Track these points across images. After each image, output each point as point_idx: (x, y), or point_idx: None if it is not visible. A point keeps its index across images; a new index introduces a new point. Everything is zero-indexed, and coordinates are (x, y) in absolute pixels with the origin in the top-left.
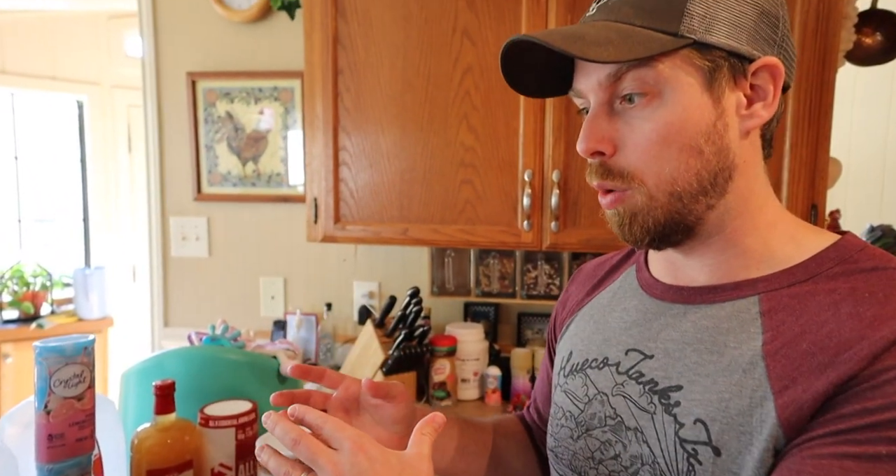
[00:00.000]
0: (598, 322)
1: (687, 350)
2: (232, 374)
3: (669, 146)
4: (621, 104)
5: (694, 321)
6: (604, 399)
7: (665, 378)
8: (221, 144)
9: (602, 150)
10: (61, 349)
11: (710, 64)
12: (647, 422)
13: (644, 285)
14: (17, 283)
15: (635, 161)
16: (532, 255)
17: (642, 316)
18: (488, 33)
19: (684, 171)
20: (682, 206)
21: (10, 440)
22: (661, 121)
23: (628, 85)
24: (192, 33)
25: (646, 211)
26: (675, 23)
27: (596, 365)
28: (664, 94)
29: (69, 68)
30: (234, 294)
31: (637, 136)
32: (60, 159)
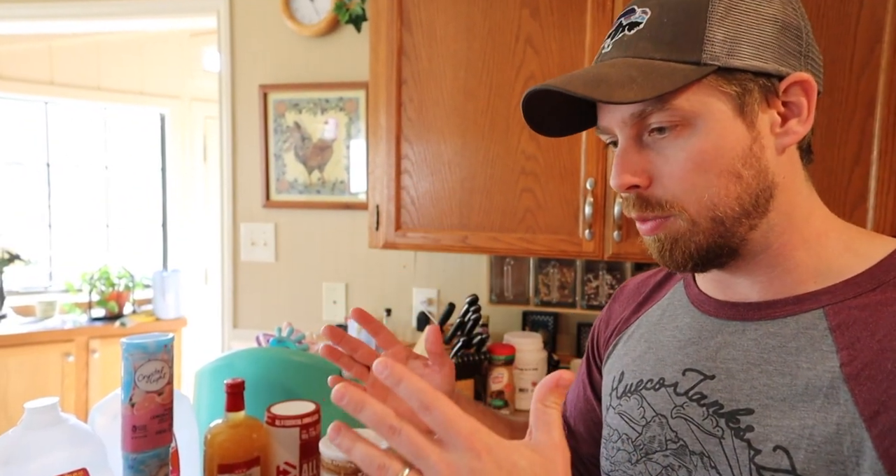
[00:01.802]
0: (650, 341)
1: (753, 371)
2: (296, 376)
3: (706, 173)
4: (650, 136)
5: (756, 339)
6: (663, 421)
7: (731, 400)
8: (289, 153)
9: (637, 183)
10: (144, 346)
11: (739, 88)
12: (715, 446)
13: (696, 301)
14: (104, 284)
15: (673, 190)
16: (593, 264)
17: (697, 334)
18: (552, 42)
19: (724, 197)
20: (725, 229)
21: (100, 429)
22: (695, 149)
23: (656, 119)
24: (265, 48)
25: (688, 236)
26: (696, 51)
27: (651, 386)
28: (695, 124)
29: (154, 83)
30: (298, 298)
31: (672, 167)
32: (144, 169)
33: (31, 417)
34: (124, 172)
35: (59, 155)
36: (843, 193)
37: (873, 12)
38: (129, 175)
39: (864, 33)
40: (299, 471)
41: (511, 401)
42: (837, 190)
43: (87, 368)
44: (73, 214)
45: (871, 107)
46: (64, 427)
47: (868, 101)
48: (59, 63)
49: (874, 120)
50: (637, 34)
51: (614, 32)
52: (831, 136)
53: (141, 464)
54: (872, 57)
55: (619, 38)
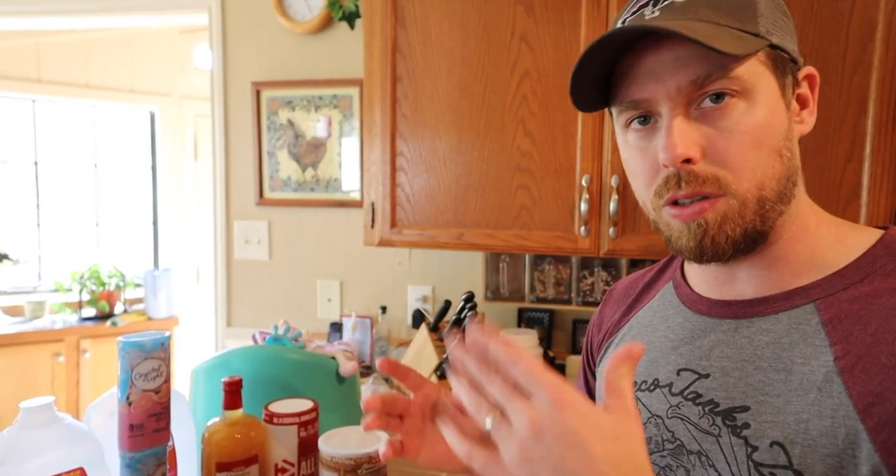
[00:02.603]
0: (642, 342)
1: (748, 368)
2: (293, 374)
3: (760, 149)
4: (697, 109)
5: (749, 337)
6: (659, 422)
7: (727, 398)
8: (283, 151)
9: (691, 155)
10: (141, 344)
11: (782, 68)
12: (712, 445)
13: (687, 302)
14: (95, 283)
15: (728, 165)
16: (589, 261)
17: (689, 333)
18: (546, 38)
19: (770, 176)
20: (764, 213)
21: (97, 428)
22: (753, 122)
23: (718, 86)
24: (258, 45)
25: (736, 217)
26: (753, 22)
27: (646, 387)
28: (752, 97)
29: (144, 81)
30: (293, 296)
31: (727, 140)
32: (133, 167)
33: (27, 417)
34: (114, 171)
35: (47, 153)
36: (837, 190)
37: (866, 10)
38: (119, 173)
39: (857, 31)
40: (297, 468)
41: None
42: (830, 187)
43: (77, 368)
44: (62, 213)
45: (863, 104)
46: (60, 426)
47: (861, 99)
48: (47, 60)
49: (867, 117)
50: (690, 2)
51: (654, 1)
52: (824, 133)
53: (138, 463)
54: (865, 55)
55: (667, 4)
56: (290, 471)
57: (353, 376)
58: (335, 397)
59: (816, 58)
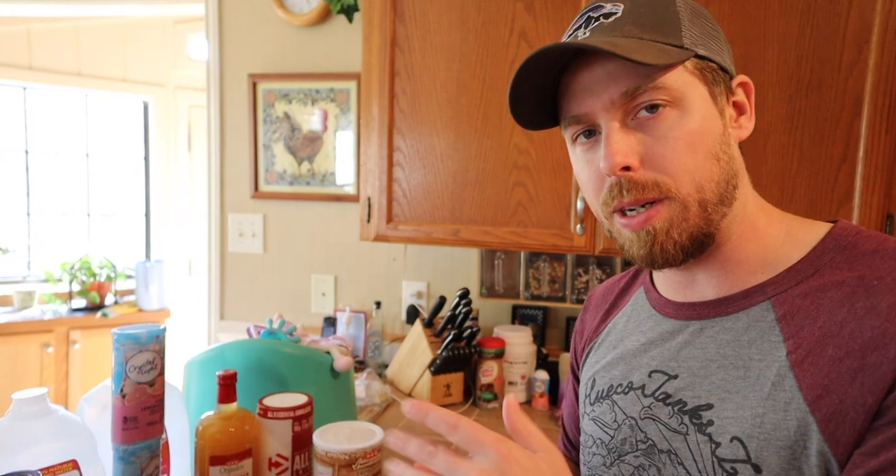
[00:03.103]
0: (617, 347)
1: (711, 367)
2: (288, 368)
3: (695, 153)
4: (634, 119)
5: (713, 336)
6: (633, 423)
7: (693, 397)
8: (279, 144)
9: (630, 164)
10: (136, 336)
11: (711, 77)
12: (681, 443)
13: (657, 306)
14: (86, 274)
15: (666, 170)
16: (584, 259)
17: (659, 336)
18: (546, 36)
19: (708, 179)
20: (707, 215)
21: (89, 421)
22: (686, 128)
23: (648, 97)
24: (255, 36)
25: (680, 223)
26: (677, 36)
27: (621, 390)
28: (683, 104)
29: (137, 71)
30: (287, 290)
31: (663, 147)
32: (126, 157)
33: (20, 408)
34: (106, 161)
35: (38, 142)
36: (830, 191)
37: (862, 14)
38: (111, 163)
39: (853, 34)
40: (291, 463)
41: (500, 394)
42: (825, 187)
43: (67, 360)
44: (52, 203)
45: (858, 106)
46: (53, 418)
47: (855, 101)
48: (38, 47)
49: (861, 119)
50: (617, 21)
51: (585, 23)
52: (819, 134)
53: (132, 455)
54: (860, 57)
55: (597, 25)
56: (283, 465)
57: (348, 371)
58: (330, 392)
59: (813, 59)
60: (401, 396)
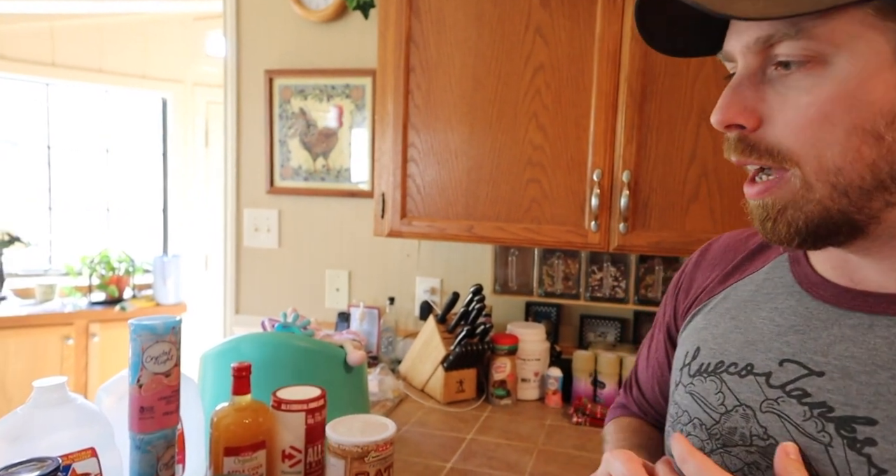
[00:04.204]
0: (737, 319)
1: (881, 375)
2: (302, 361)
3: (833, 127)
4: (776, 70)
5: (888, 338)
6: (748, 413)
7: (845, 405)
8: (294, 140)
9: (742, 122)
10: (153, 327)
11: None
12: (820, 453)
13: (805, 283)
14: (105, 268)
15: (786, 139)
16: (598, 256)
17: (804, 321)
18: (561, 32)
19: (853, 161)
20: (849, 202)
21: (107, 410)
22: (824, 95)
23: (785, 49)
24: (271, 33)
25: (800, 204)
26: None
27: (735, 371)
28: (833, 62)
29: (157, 67)
30: (301, 285)
31: (789, 112)
32: (145, 153)
33: (40, 396)
34: (125, 156)
35: (59, 137)
36: None
37: None
38: (131, 159)
39: None
40: (305, 454)
41: (513, 390)
42: None
43: (86, 352)
44: (73, 197)
45: None
46: (72, 406)
47: None
48: (61, 44)
49: None
50: None
51: None
52: None
53: (148, 444)
54: None
55: None
56: (297, 457)
57: (361, 365)
58: (343, 385)
59: None
60: (414, 392)
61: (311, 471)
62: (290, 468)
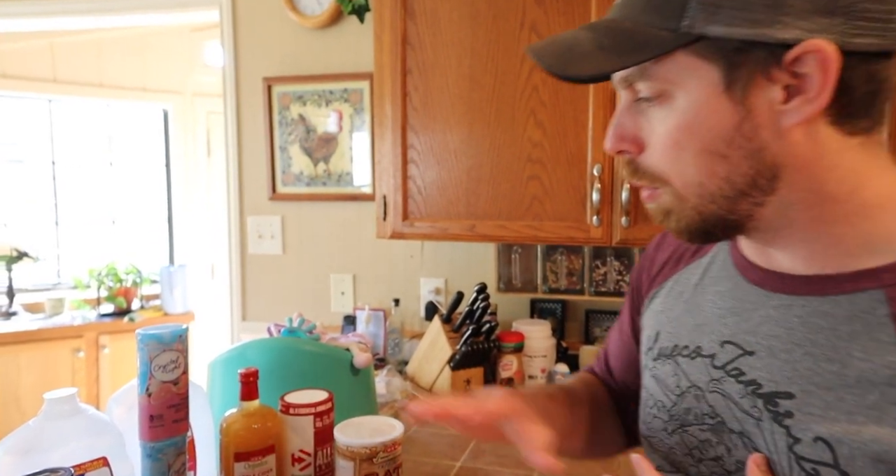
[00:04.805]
0: (689, 303)
1: (796, 352)
2: (308, 365)
3: (683, 150)
4: (642, 103)
5: (802, 317)
6: (699, 394)
7: (770, 381)
8: (294, 146)
9: (625, 149)
10: (160, 336)
11: (725, 60)
12: (754, 427)
13: (740, 266)
14: (112, 280)
15: (658, 162)
16: (601, 251)
17: (739, 304)
18: (556, 28)
19: (709, 176)
20: (717, 207)
21: (118, 420)
22: (672, 124)
23: (640, 88)
24: (268, 40)
25: (678, 210)
26: (677, 17)
27: (687, 353)
28: (676, 97)
29: (156, 79)
30: (306, 290)
31: (656, 138)
32: (147, 165)
33: (51, 408)
34: (129, 169)
35: (64, 152)
36: None
37: None
38: (134, 171)
39: None
40: (314, 458)
41: None
42: None
43: (97, 364)
44: (79, 211)
45: None
46: (83, 417)
47: None
48: (61, 60)
49: None
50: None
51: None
52: None
53: (158, 452)
54: None
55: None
56: (306, 460)
57: (368, 368)
58: (350, 388)
59: None
60: (421, 392)
61: (321, 473)
62: (301, 472)
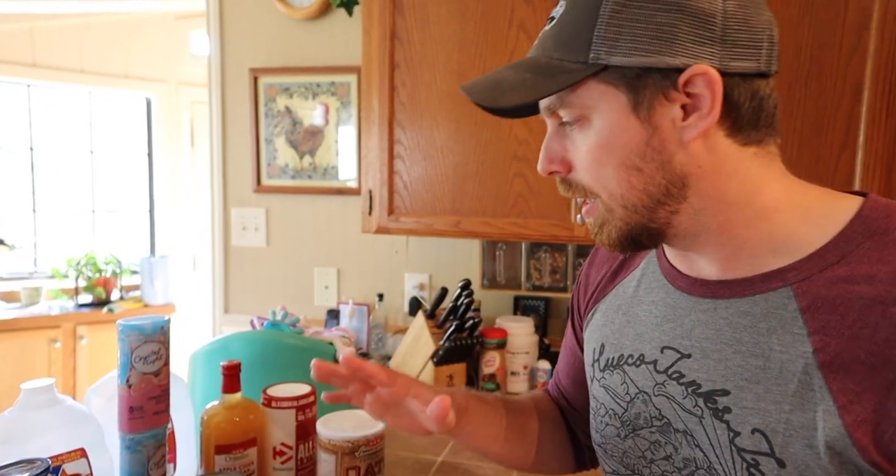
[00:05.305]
0: (628, 314)
1: (726, 351)
2: (291, 358)
3: (604, 166)
4: (566, 127)
5: (727, 318)
6: (646, 399)
7: (708, 380)
8: (280, 138)
9: (557, 169)
10: (141, 327)
11: (628, 85)
12: (696, 425)
13: (668, 276)
14: (91, 270)
15: (585, 178)
16: (584, 249)
17: (672, 310)
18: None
19: (628, 188)
20: (640, 217)
21: (96, 411)
22: (591, 143)
23: (562, 114)
24: (255, 31)
25: (609, 222)
26: (584, 52)
27: (633, 362)
28: (592, 119)
29: (140, 67)
30: (290, 283)
31: (579, 158)
32: (129, 154)
33: (28, 398)
34: (110, 157)
35: (42, 138)
36: (831, 179)
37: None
38: (115, 159)
39: (853, 20)
40: (296, 451)
41: (503, 384)
42: (825, 175)
43: (74, 355)
44: (57, 199)
45: (858, 93)
46: (61, 408)
47: (856, 87)
48: (42, 45)
49: (861, 105)
50: (548, 31)
51: (548, 22)
52: (819, 121)
53: (138, 444)
54: (860, 43)
55: (542, 32)
56: (288, 453)
57: None
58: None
59: (812, 46)
60: None
61: (303, 467)
62: (282, 465)
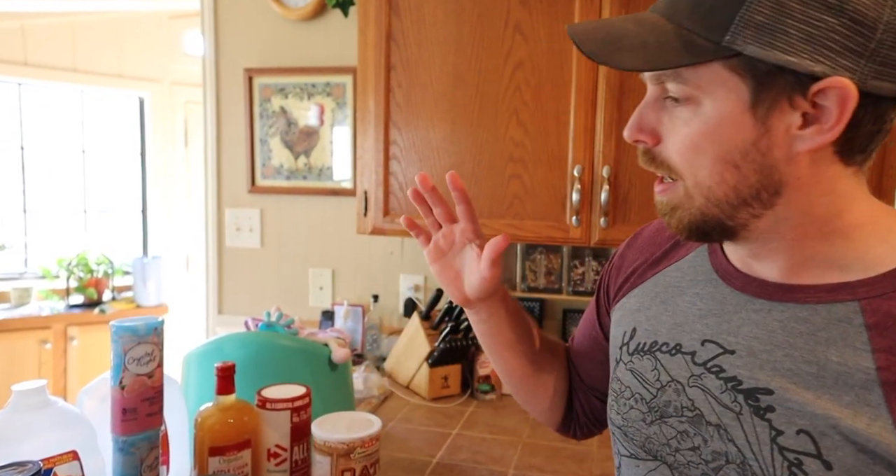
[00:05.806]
0: (667, 303)
1: (776, 353)
2: (286, 360)
3: (702, 154)
4: (669, 101)
5: (782, 321)
6: (679, 388)
7: (750, 378)
8: (275, 138)
9: (643, 140)
10: (135, 329)
11: (756, 81)
12: (732, 420)
13: (721, 271)
14: (83, 270)
15: (674, 157)
16: (579, 251)
17: (719, 306)
18: (540, 29)
19: (719, 182)
20: (720, 211)
21: (89, 413)
22: (695, 128)
23: (670, 88)
24: (250, 31)
25: (685, 207)
26: (721, 30)
27: (667, 350)
28: (703, 103)
29: (133, 66)
30: (285, 284)
31: (676, 136)
32: (122, 153)
33: (19, 400)
34: (102, 157)
35: (34, 138)
36: None
37: None
38: (108, 159)
39: None
40: (290, 453)
41: (498, 386)
42: None
43: (65, 356)
44: (49, 199)
45: None
46: (52, 410)
47: None
48: (33, 43)
49: None
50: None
51: None
52: None
53: (131, 446)
54: None
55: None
56: (282, 455)
57: (346, 363)
58: (327, 383)
59: None
60: (399, 389)
61: (297, 469)
62: (276, 467)
